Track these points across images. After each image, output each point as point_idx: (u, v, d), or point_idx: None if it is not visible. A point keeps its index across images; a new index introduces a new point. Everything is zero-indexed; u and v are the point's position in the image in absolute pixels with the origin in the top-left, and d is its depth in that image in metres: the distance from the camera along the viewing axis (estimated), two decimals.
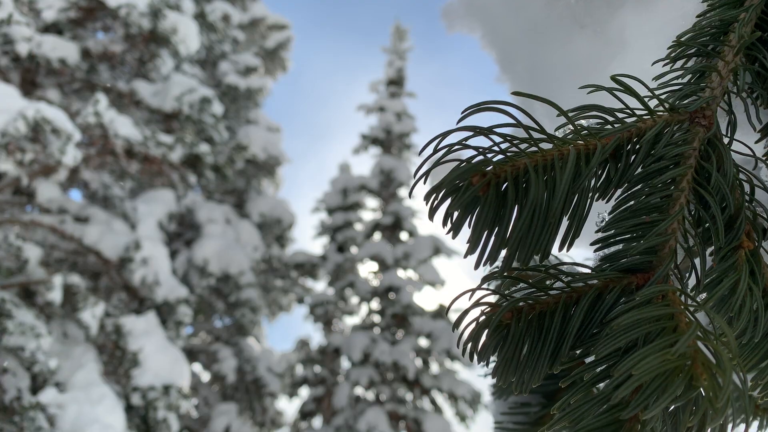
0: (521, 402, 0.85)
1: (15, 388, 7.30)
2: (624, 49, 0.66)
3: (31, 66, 8.67)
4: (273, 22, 13.13)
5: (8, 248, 7.67)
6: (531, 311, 0.48)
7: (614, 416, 0.44)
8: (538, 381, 0.48)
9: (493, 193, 0.45)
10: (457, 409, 10.22)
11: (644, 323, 0.43)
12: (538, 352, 0.48)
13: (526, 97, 0.48)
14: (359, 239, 11.95)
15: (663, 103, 0.52)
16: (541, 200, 0.45)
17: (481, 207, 0.45)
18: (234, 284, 9.71)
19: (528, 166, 0.45)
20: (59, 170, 8.36)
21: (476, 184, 0.44)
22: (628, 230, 0.51)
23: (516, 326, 0.48)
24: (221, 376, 9.82)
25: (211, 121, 8.69)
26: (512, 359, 0.48)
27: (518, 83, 0.82)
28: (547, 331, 0.48)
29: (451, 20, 0.91)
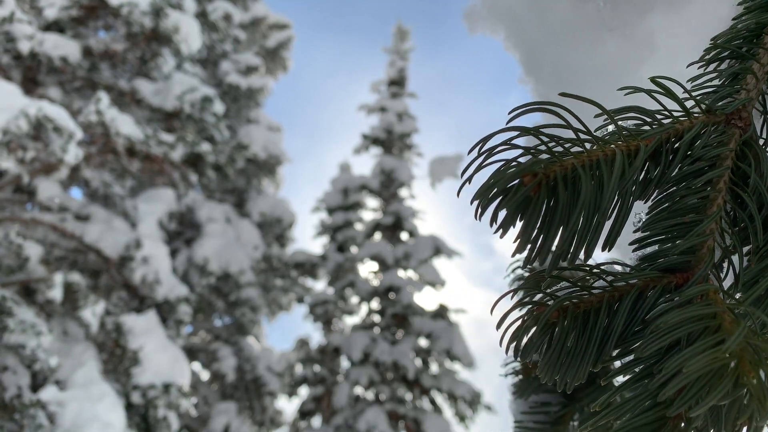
0: (541, 401, 0.86)
1: (15, 385, 7.30)
2: (653, 52, 0.67)
3: (33, 64, 8.66)
4: (274, 22, 13.14)
5: (9, 246, 7.67)
6: (576, 310, 0.49)
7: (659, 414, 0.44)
8: (582, 378, 0.48)
9: (545, 193, 0.45)
10: (457, 410, 10.23)
11: (688, 322, 0.44)
12: (583, 350, 0.49)
13: (572, 98, 0.48)
14: (359, 239, 11.96)
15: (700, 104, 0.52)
16: (591, 200, 0.45)
17: (532, 207, 0.46)
18: (234, 283, 9.71)
19: (576, 166, 0.45)
20: (60, 168, 8.36)
21: (528, 184, 0.44)
22: (665, 231, 0.52)
23: (562, 325, 0.48)
24: (221, 375, 9.82)
25: (212, 120, 8.69)
26: (558, 357, 0.49)
27: (544, 85, 0.82)
28: (592, 329, 0.49)
29: (473, 21, 0.91)
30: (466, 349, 10.08)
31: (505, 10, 0.85)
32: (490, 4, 0.87)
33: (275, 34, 13.22)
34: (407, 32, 14.34)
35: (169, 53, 8.91)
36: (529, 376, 0.87)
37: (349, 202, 12.29)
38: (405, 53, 14.15)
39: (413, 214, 11.96)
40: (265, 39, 13.18)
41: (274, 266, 11.67)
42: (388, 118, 12.75)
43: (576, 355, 0.49)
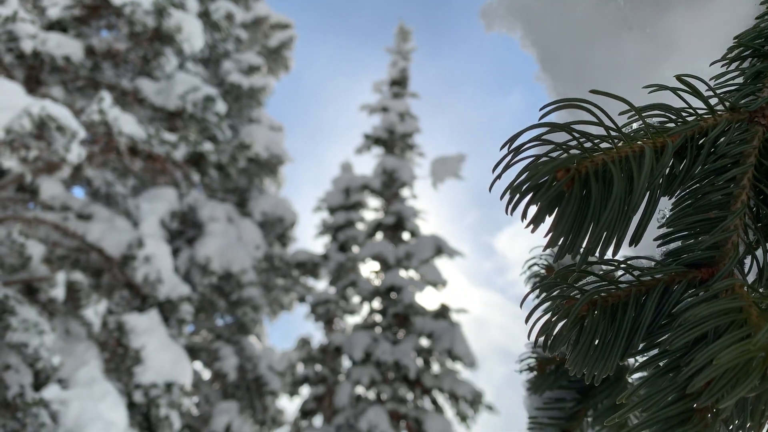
0: (556, 397, 0.87)
1: (18, 384, 7.31)
2: (674, 51, 0.67)
3: (36, 63, 8.66)
4: (276, 21, 13.14)
5: (11, 245, 7.68)
6: (605, 304, 0.49)
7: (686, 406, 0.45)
8: (611, 371, 0.49)
9: (578, 188, 0.46)
10: (458, 409, 10.23)
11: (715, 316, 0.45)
12: (612, 343, 0.49)
13: (602, 95, 0.49)
14: (361, 239, 11.96)
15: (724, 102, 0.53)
16: (622, 196, 0.46)
17: (565, 202, 0.46)
18: (236, 282, 9.71)
19: (607, 161, 0.46)
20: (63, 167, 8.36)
21: (561, 180, 0.45)
22: (689, 227, 0.53)
23: (592, 318, 0.49)
24: (222, 374, 9.83)
25: (215, 119, 8.70)
26: (588, 350, 0.49)
27: (562, 83, 0.83)
28: (620, 322, 0.50)
29: (489, 20, 0.92)
30: (468, 348, 10.08)
31: (523, 8, 0.85)
32: (508, 3, 0.88)
33: (277, 33, 13.22)
34: (409, 32, 14.34)
35: (172, 53, 8.92)
36: (543, 373, 0.87)
37: (350, 202, 12.30)
38: (407, 53, 14.15)
39: (415, 214, 11.97)
40: (267, 39, 13.19)
41: (275, 266, 11.68)
42: (390, 118, 12.75)
43: (605, 347, 0.49)
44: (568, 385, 0.85)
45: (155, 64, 8.87)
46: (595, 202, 0.46)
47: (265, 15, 12.93)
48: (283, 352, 11.66)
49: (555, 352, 0.50)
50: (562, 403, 0.86)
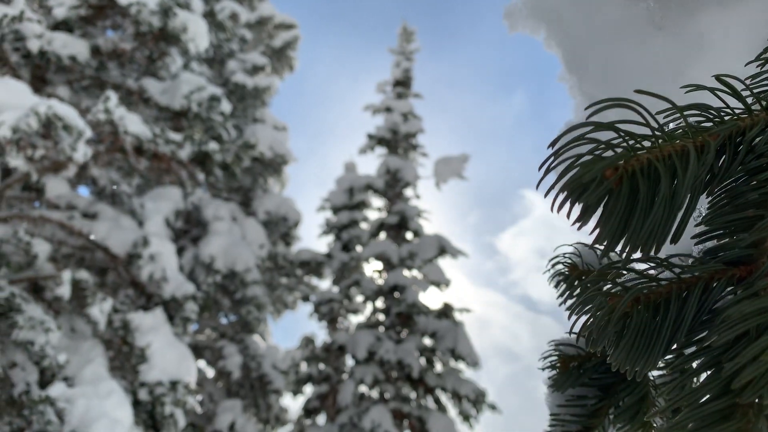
0: (577, 395, 0.87)
1: (24, 382, 7.34)
2: (704, 52, 0.68)
3: (42, 63, 8.68)
4: (280, 21, 13.17)
5: (17, 243, 7.70)
6: (647, 300, 0.51)
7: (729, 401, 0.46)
8: (653, 367, 0.50)
9: (626, 186, 0.47)
10: (461, 409, 10.25)
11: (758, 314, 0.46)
12: (654, 339, 0.51)
13: (646, 95, 0.50)
14: (364, 238, 11.98)
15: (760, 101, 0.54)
16: (668, 194, 0.47)
17: (614, 200, 0.47)
18: (240, 281, 9.74)
19: (652, 160, 0.47)
20: (68, 166, 8.39)
21: (610, 178, 0.46)
22: (726, 225, 0.54)
23: (636, 314, 0.50)
24: (226, 372, 9.85)
25: (220, 119, 8.72)
26: (632, 346, 0.51)
27: (589, 84, 0.84)
28: (663, 319, 0.51)
29: (513, 21, 0.93)
30: (471, 348, 10.10)
31: (549, 9, 0.86)
32: (532, 4, 0.89)
33: (281, 33, 13.25)
34: (412, 33, 14.36)
35: (177, 52, 8.94)
36: (566, 370, 0.87)
37: (354, 202, 12.32)
38: (410, 54, 14.17)
39: (418, 213, 11.99)
40: (271, 39, 13.21)
41: (279, 265, 11.71)
42: (394, 118, 12.78)
43: (648, 343, 0.51)
44: (590, 383, 0.85)
45: (161, 64, 8.89)
46: (642, 201, 0.47)
47: (270, 15, 12.96)
48: (287, 351, 11.69)
49: (598, 347, 0.51)
50: (584, 400, 0.86)
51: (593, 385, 0.86)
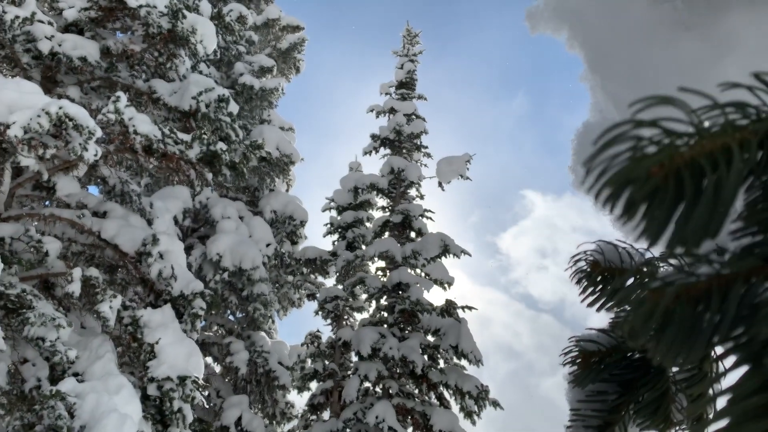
0: (598, 390, 0.88)
1: (35, 377, 7.47)
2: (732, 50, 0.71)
3: (52, 64, 8.81)
4: (287, 23, 13.27)
5: (29, 241, 7.82)
6: (689, 295, 0.52)
7: None
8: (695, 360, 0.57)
9: (673, 183, 0.48)
10: (464, 404, 10.34)
11: None
12: (697, 333, 0.52)
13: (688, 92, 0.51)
14: (369, 237, 12.08)
15: None
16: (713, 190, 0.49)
17: (660, 196, 0.48)
18: (247, 279, 9.83)
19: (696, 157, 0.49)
20: (79, 166, 8.52)
21: (656, 175, 0.47)
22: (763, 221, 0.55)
23: (680, 309, 0.52)
24: (233, 368, 9.95)
25: (228, 119, 8.83)
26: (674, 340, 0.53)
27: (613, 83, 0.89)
28: (704, 313, 0.52)
29: (535, 21, 0.99)
30: (474, 345, 10.19)
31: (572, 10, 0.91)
32: (555, 5, 0.94)
33: (288, 35, 13.35)
34: (416, 35, 14.43)
35: (186, 54, 9.05)
36: (587, 366, 0.88)
37: (358, 201, 12.42)
38: (414, 56, 14.25)
39: (422, 213, 12.08)
40: (278, 41, 13.31)
41: (285, 263, 11.82)
42: (398, 119, 12.86)
43: (691, 338, 0.52)
44: (610, 378, 0.86)
45: (170, 66, 9.01)
46: (687, 197, 0.48)
47: (276, 17, 13.05)
48: (293, 347, 11.80)
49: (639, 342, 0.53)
50: (605, 395, 0.87)
51: (613, 380, 0.86)
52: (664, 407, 0.78)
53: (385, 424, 9.50)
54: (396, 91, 13.85)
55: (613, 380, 0.85)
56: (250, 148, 9.30)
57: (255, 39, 11.71)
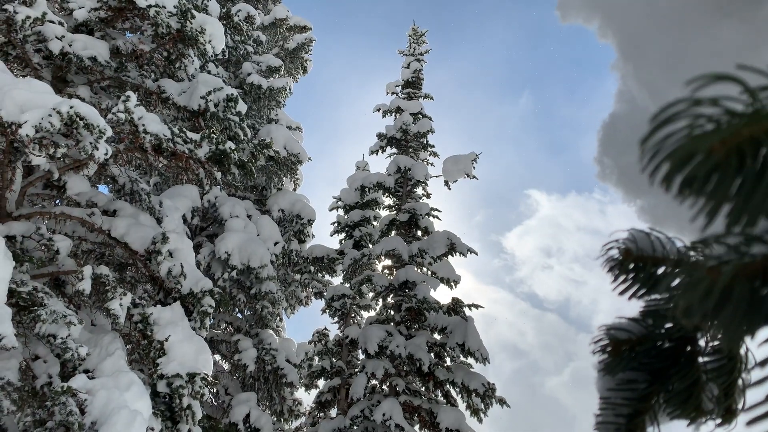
0: (627, 379, 0.87)
1: (46, 374, 7.54)
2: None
3: (63, 64, 8.88)
4: (294, 23, 13.31)
5: (40, 239, 7.88)
6: (745, 274, 0.53)
7: None
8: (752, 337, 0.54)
9: (734, 160, 0.47)
10: (470, 402, 10.37)
11: None
12: (755, 312, 0.53)
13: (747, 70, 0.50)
14: (375, 236, 12.12)
15: None
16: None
17: (721, 173, 0.48)
18: (255, 276, 9.88)
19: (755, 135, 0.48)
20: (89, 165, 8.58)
21: (718, 152, 0.47)
22: None
23: (739, 287, 0.53)
24: (242, 365, 10.00)
25: (236, 119, 8.88)
26: (734, 318, 0.53)
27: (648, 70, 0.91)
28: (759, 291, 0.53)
29: (566, 11, 1.02)
30: (480, 343, 10.21)
31: None
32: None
33: (295, 35, 13.40)
34: (422, 35, 14.45)
35: (195, 54, 9.10)
36: (618, 354, 0.87)
37: (365, 200, 12.45)
38: (420, 55, 14.28)
39: (428, 211, 12.11)
40: (285, 40, 13.35)
41: (293, 261, 11.87)
42: (404, 118, 12.90)
43: (749, 316, 0.53)
44: (640, 367, 0.85)
45: (179, 65, 9.07)
46: (746, 175, 0.48)
47: (284, 17, 13.10)
48: (300, 345, 11.85)
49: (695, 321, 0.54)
50: (635, 384, 0.86)
51: (644, 369, 0.86)
52: (695, 396, 0.77)
53: (392, 422, 9.54)
54: (402, 91, 13.89)
55: (644, 369, 0.83)
56: (259, 147, 9.35)
57: (263, 39, 11.77)
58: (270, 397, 10.58)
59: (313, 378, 11.25)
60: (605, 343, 0.85)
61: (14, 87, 7.25)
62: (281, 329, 12.56)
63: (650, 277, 0.79)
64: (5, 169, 7.95)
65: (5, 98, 7.17)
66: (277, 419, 10.93)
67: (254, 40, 11.51)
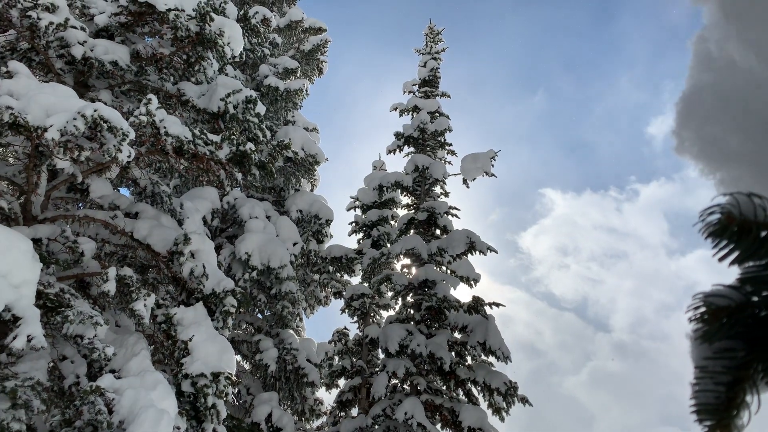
0: (724, 347, 0.86)
1: (73, 374, 7.63)
2: None
3: (85, 68, 8.99)
4: (310, 25, 13.39)
5: (65, 242, 7.98)
6: None
7: None
8: None
9: None
10: (492, 401, 10.33)
11: None
12: None
13: None
14: (393, 235, 12.13)
15: None
16: None
17: None
18: (275, 277, 9.93)
19: None
20: (111, 167, 8.68)
21: None
22: None
23: None
24: (263, 365, 10.05)
25: (255, 120, 8.94)
26: None
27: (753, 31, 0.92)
28: None
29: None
30: (502, 342, 10.18)
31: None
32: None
33: (311, 37, 13.47)
34: (439, 33, 14.45)
35: (214, 56, 9.17)
36: (716, 322, 0.86)
37: (383, 199, 12.47)
38: (437, 53, 14.29)
39: (447, 210, 12.10)
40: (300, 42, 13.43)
41: (311, 261, 11.91)
42: (421, 117, 12.90)
43: None
44: (737, 335, 0.84)
45: (198, 68, 9.15)
46: None
47: (299, 19, 13.18)
48: (320, 344, 11.88)
49: None
50: (732, 352, 0.85)
51: (741, 337, 0.84)
52: None
53: (414, 421, 9.54)
54: (419, 89, 13.91)
55: (741, 337, 0.82)
56: (278, 148, 9.41)
57: (278, 41, 11.85)
58: (291, 396, 10.62)
59: (333, 377, 11.27)
60: (703, 310, 0.84)
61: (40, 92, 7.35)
62: (301, 329, 12.61)
63: (754, 242, 0.78)
64: (31, 173, 8.07)
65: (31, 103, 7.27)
66: (299, 418, 10.96)
67: (270, 43, 11.59)
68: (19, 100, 7.12)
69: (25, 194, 8.00)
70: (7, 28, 8.32)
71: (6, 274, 6.43)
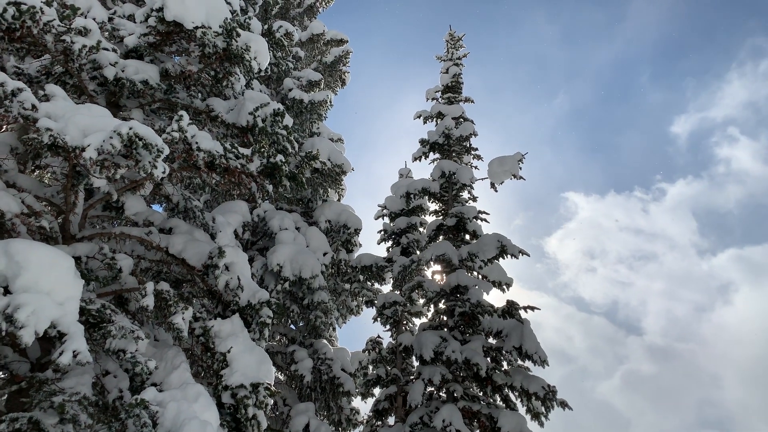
0: None
1: (117, 388, 7.72)
2: None
3: (116, 89, 9.18)
4: (331, 38, 13.56)
5: (103, 259, 8.12)
6: None
7: None
8: None
9: None
10: (530, 406, 10.21)
11: None
12: None
13: None
14: (423, 242, 12.13)
15: None
16: None
17: None
18: (307, 287, 9.99)
19: None
20: (145, 185, 8.82)
21: None
22: None
23: None
24: (298, 376, 10.08)
25: (284, 132, 9.04)
26: None
27: None
28: None
29: None
30: (538, 346, 10.08)
31: None
32: None
33: (333, 49, 13.62)
34: (460, 38, 14.53)
35: (241, 71, 9.31)
36: None
37: (411, 206, 12.49)
38: (459, 59, 14.35)
39: (476, 214, 12.08)
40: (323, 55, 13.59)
41: (342, 271, 11.96)
42: (446, 123, 12.94)
43: None
44: None
45: (226, 83, 9.28)
46: None
47: (321, 32, 13.36)
48: (354, 354, 11.88)
49: None
50: None
51: None
52: None
53: (452, 428, 9.47)
54: (442, 96, 13.96)
55: None
56: (305, 159, 9.51)
57: (301, 54, 12.01)
58: (327, 406, 10.62)
59: (369, 386, 11.25)
60: None
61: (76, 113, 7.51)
62: (334, 339, 12.63)
63: None
64: (69, 193, 8.23)
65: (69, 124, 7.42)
66: (336, 428, 10.95)
67: (294, 56, 11.74)
68: (57, 121, 7.29)
69: (63, 214, 8.16)
70: (43, 53, 8.54)
71: (50, 292, 6.55)
